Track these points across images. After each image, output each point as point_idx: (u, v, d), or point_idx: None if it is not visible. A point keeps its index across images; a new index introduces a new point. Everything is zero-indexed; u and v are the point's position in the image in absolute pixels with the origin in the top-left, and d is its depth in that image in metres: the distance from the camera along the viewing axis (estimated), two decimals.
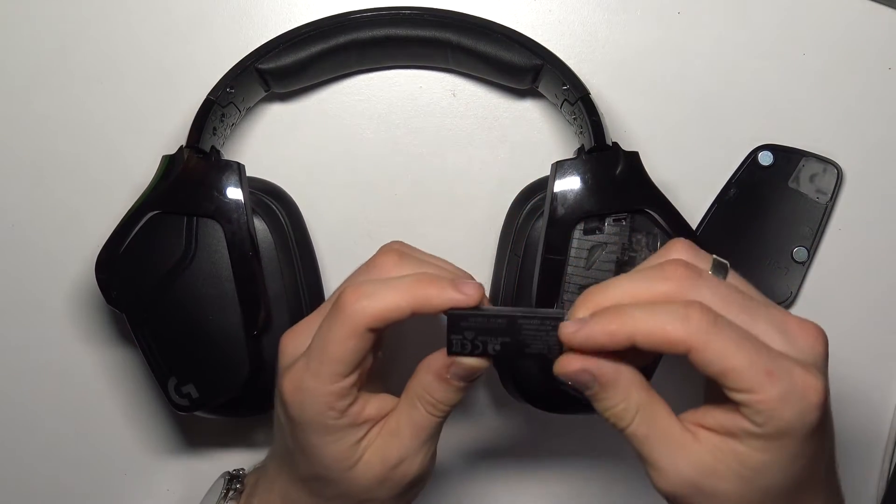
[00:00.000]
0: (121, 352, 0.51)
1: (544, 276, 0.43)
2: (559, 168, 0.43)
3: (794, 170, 0.51)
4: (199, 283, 0.43)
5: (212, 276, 0.43)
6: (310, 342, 0.37)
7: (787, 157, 0.51)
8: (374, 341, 0.36)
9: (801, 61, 0.51)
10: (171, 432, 0.52)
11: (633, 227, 0.43)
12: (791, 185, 0.51)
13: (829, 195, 0.51)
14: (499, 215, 0.49)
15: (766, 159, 0.51)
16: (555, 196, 0.43)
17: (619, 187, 0.43)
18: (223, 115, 0.46)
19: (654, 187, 0.44)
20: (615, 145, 0.44)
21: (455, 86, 0.51)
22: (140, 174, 0.49)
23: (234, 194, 0.43)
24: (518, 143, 0.51)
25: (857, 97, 0.51)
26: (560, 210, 0.43)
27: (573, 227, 0.43)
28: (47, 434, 0.52)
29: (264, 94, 0.49)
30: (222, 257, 0.43)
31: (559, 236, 0.43)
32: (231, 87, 0.46)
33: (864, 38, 0.51)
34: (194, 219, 0.43)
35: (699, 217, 0.52)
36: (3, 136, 0.51)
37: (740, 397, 0.32)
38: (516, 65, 0.47)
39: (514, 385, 0.47)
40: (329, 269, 0.50)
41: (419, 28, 0.48)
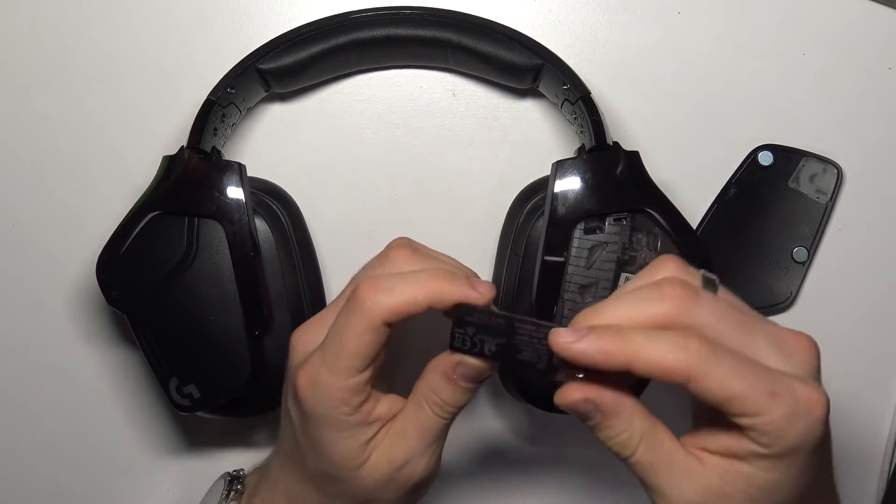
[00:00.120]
0: (122, 352, 0.51)
1: (545, 276, 0.43)
2: (560, 167, 0.43)
3: (794, 170, 0.51)
4: (201, 284, 0.43)
5: (213, 276, 0.43)
6: (324, 337, 0.37)
7: (787, 157, 0.51)
8: (388, 335, 0.36)
9: (801, 61, 0.51)
10: (172, 432, 0.52)
11: (634, 226, 0.43)
12: (791, 185, 0.51)
13: (829, 195, 0.51)
14: (499, 215, 0.49)
15: (766, 159, 0.51)
16: (555, 195, 0.43)
17: (619, 187, 0.43)
18: (224, 115, 0.46)
19: (655, 187, 0.44)
20: (616, 145, 0.44)
21: (455, 86, 0.51)
22: (140, 174, 0.49)
23: (235, 194, 0.43)
24: (518, 142, 0.51)
25: (857, 97, 0.51)
26: (560, 209, 0.43)
27: (574, 226, 0.43)
28: (47, 434, 0.52)
29: (265, 94, 0.49)
30: (223, 257, 0.43)
31: (560, 236, 0.43)
32: (231, 88, 0.46)
33: (864, 38, 0.51)
34: (195, 219, 0.43)
35: (699, 217, 0.52)
36: (3, 136, 0.51)
37: (745, 421, 0.32)
38: (516, 64, 0.47)
39: (514, 385, 0.47)
40: (329, 269, 0.50)
41: (419, 28, 0.48)
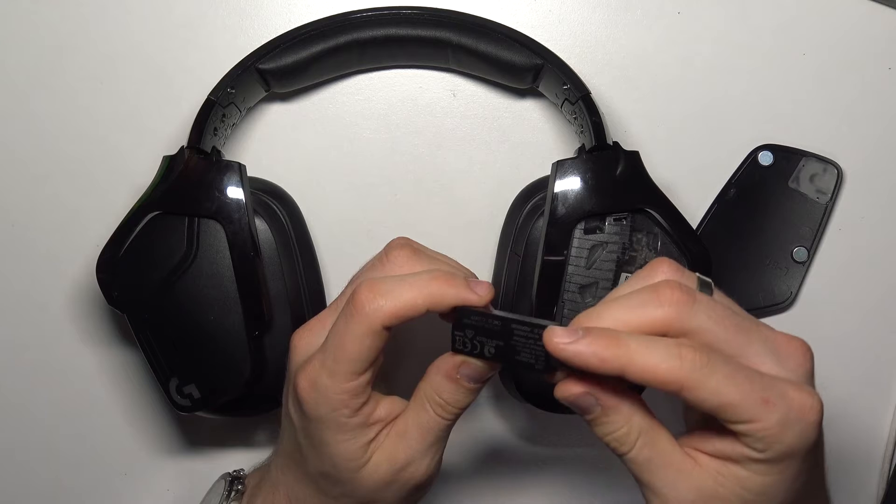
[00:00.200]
0: (122, 352, 0.51)
1: (545, 276, 0.43)
2: (560, 167, 0.43)
3: (794, 170, 0.51)
4: (201, 284, 0.43)
5: (213, 276, 0.43)
6: (324, 340, 0.37)
7: (787, 157, 0.51)
8: (388, 338, 0.36)
9: (801, 61, 0.51)
10: (172, 432, 0.52)
11: (634, 226, 0.43)
12: (791, 185, 0.51)
13: (829, 195, 0.51)
14: (499, 215, 0.49)
15: (766, 159, 0.51)
16: (555, 195, 0.43)
17: (619, 187, 0.43)
18: (224, 115, 0.46)
19: (655, 187, 0.44)
20: (616, 145, 0.44)
21: (455, 86, 0.51)
22: (140, 174, 0.49)
23: (236, 194, 0.43)
24: (518, 142, 0.51)
25: (857, 97, 0.52)
26: (561, 209, 0.43)
27: (574, 226, 0.43)
28: (47, 434, 0.52)
29: (265, 94, 0.49)
30: (223, 257, 0.43)
31: (560, 236, 0.43)
32: (232, 88, 0.46)
33: (864, 38, 0.51)
34: (195, 219, 0.43)
35: (699, 217, 0.52)
36: (3, 136, 0.51)
37: (739, 428, 0.32)
38: (517, 64, 0.47)
39: (514, 384, 0.47)
40: (329, 269, 0.50)
41: (419, 28, 0.47)
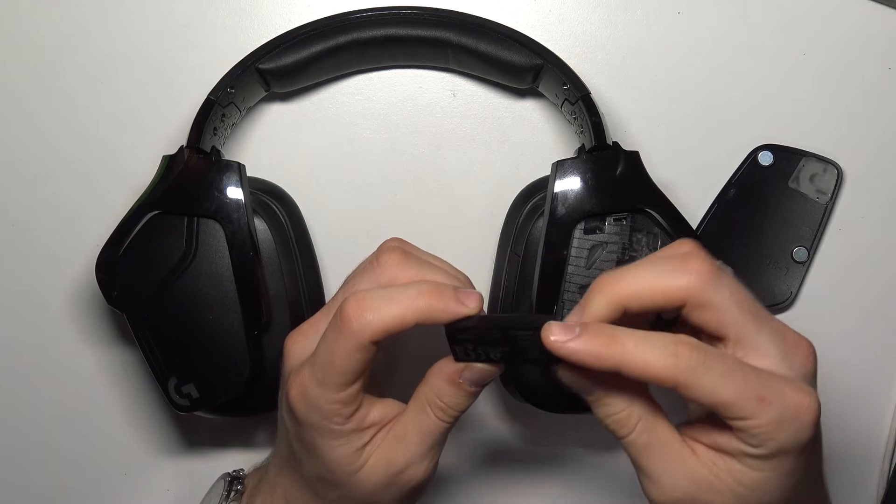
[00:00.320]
0: (121, 352, 0.51)
1: (544, 276, 0.43)
2: (560, 167, 0.43)
3: (794, 170, 0.51)
4: (200, 283, 0.43)
5: (212, 275, 0.43)
6: (315, 348, 0.37)
7: (787, 157, 0.51)
8: (376, 352, 0.36)
9: (801, 61, 0.51)
10: (171, 432, 0.52)
11: (634, 226, 0.43)
12: (791, 185, 0.51)
13: (829, 195, 0.51)
14: (499, 215, 0.49)
15: (766, 159, 0.51)
16: (555, 195, 0.43)
17: (619, 187, 0.43)
18: (224, 115, 0.46)
19: (655, 187, 0.44)
20: (615, 145, 0.44)
21: (455, 86, 0.51)
22: (140, 174, 0.49)
23: (235, 194, 0.43)
24: (518, 143, 0.51)
25: (857, 97, 0.51)
26: (560, 209, 0.43)
27: (574, 226, 0.43)
28: (47, 434, 0.52)
29: (264, 94, 0.49)
30: (223, 257, 0.43)
31: (560, 236, 0.43)
32: (231, 87, 0.46)
33: (864, 38, 0.51)
34: (195, 219, 0.43)
35: (699, 217, 0.52)
36: (3, 136, 0.51)
37: (735, 423, 0.32)
38: (516, 64, 0.47)
39: (514, 385, 0.47)
40: (329, 268, 0.50)
41: (419, 28, 0.47)
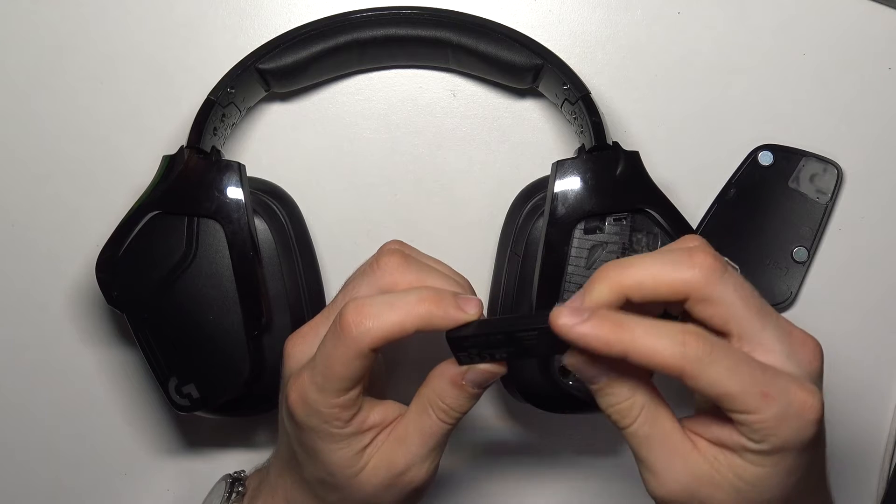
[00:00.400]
0: (121, 352, 0.51)
1: (545, 276, 0.43)
2: (560, 167, 0.43)
3: (794, 170, 0.51)
4: (200, 283, 0.43)
5: (212, 276, 0.43)
6: (314, 352, 0.37)
7: (787, 157, 0.51)
8: (375, 358, 0.36)
9: (801, 61, 0.51)
10: (171, 432, 0.52)
11: (634, 226, 0.43)
12: (791, 185, 0.51)
13: (829, 195, 0.51)
14: (499, 215, 0.49)
15: (766, 159, 0.51)
16: (555, 195, 0.43)
17: (619, 187, 0.43)
18: (224, 115, 0.46)
19: (655, 187, 0.44)
20: (615, 145, 0.44)
21: (455, 86, 0.51)
22: (140, 174, 0.49)
23: (235, 194, 0.43)
24: (518, 143, 0.51)
25: (857, 97, 0.51)
26: (560, 209, 0.43)
27: (574, 226, 0.43)
28: (47, 434, 0.52)
29: (264, 94, 0.49)
30: (223, 257, 0.43)
31: (560, 236, 0.43)
32: (231, 87, 0.46)
33: (864, 38, 0.51)
34: (195, 219, 0.43)
35: (699, 217, 0.52)
36: (3, 136, 0.51)
37: (737, 417, 0.32)
38: (517, 64, 0.47)
39: (514, 385, 0.47)
40: (329, 268, 0.50)
41: (419, 28, 0.48)
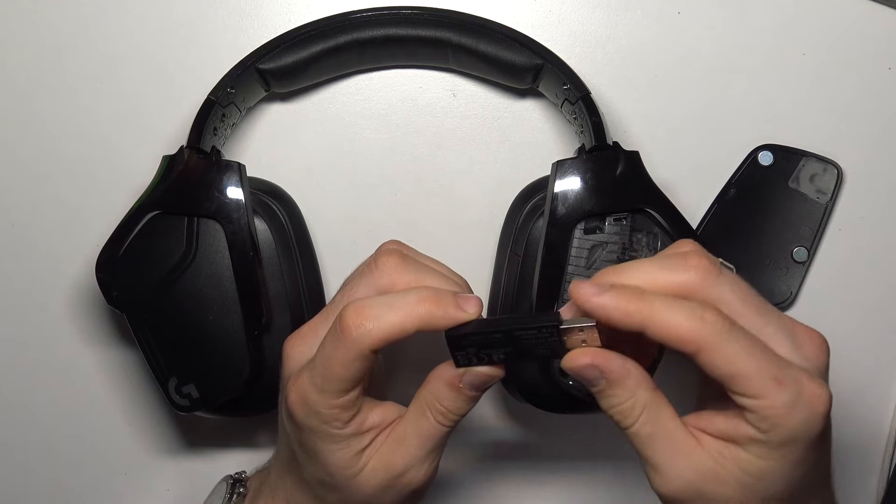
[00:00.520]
0: (121, 352, 0.51)
1: (545, 276, 0.43)
2: (560, 167, 0.43)
3: (794, 170, 0.51)
4: (200, 283, 0.43)
5: (212, 276, 0.43)
6: (314, 353, 0.37)
7: (787, 157, 0.51)
8: (375, 359, 0.36)
9: (801, 61, 0.51)
10: (171, 432, 0.52)
11: (634, 226, 0.43)
12: (791, 185, 0.51)
13: (829, 195, 0.51)
14: (499, 215, 0.49)
15: (766, 159, 0.51)
16: (555, 195, 0.43)
17: (619, 187, 0.43)
18: (224, 115, 0.46)
19: (655, 187, 0.44)
20: (616, 145, 0.44)
21: (455, 86, 0.51)
22: (140, 174, 0.49)
23: (235, 194, 0.43)
24: (518, 143, 0.51)
25: (857, 97, 0.51)
26: (560, 209, 0.43)
27: (574, 226, 0.43)
28: (47, 434, 0.52)
29: (265, 94, 0.49)
30: (223, 257, 0.43)
31: (560, 236, 0.43)
32: (231, 87, 0.46)
33: (864, 38, 0.51)
34: (195, 219, 0.43)
35: (699, 217, 0.52)
36: (3, 136, 0.51)
37: (746, 402, 0.32)
38: (517, 64, 0.47)
39: (514, 385, 0.47)
40: (329, 268, 0.50)
41: (419, 28, 0.48)
